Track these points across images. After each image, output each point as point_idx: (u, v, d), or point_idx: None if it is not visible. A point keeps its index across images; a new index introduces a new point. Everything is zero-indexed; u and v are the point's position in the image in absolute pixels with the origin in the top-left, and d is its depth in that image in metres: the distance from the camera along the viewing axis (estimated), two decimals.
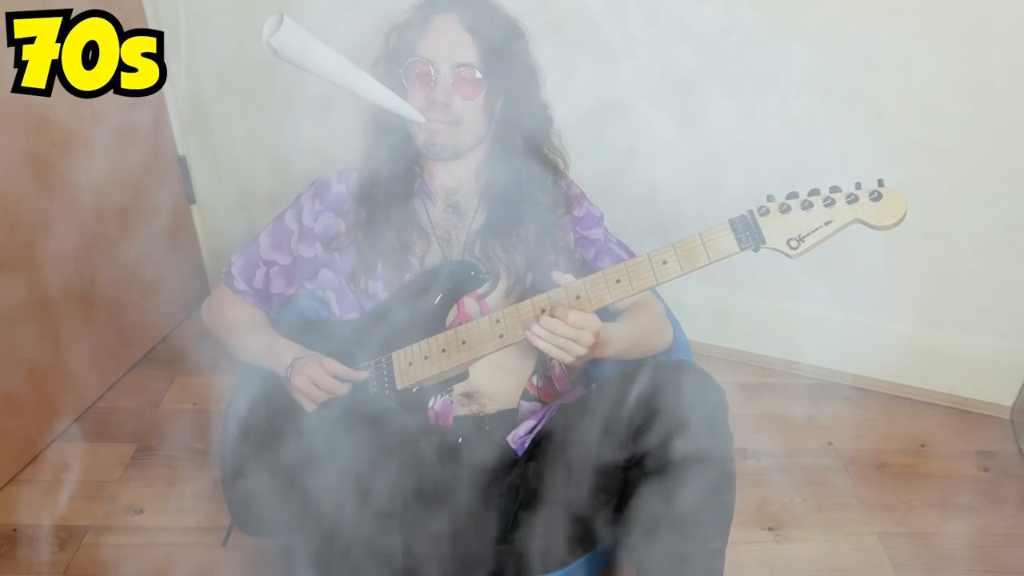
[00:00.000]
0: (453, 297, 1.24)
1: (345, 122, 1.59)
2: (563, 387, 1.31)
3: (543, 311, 1.09)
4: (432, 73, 1.19)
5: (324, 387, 1.17)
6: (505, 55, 1.21)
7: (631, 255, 1.36)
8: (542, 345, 1.07)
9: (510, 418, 1.23)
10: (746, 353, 1.97)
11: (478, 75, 1.19)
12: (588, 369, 1.37)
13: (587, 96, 1.57)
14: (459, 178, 1.30)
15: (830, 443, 1.73)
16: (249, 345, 1.31)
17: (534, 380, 1.29)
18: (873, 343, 1.84)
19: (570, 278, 1.09)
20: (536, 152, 1.31)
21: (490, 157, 1.30)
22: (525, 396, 1.27)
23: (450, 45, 1.18)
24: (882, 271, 1.71)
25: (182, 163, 1.95)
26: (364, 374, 1.20)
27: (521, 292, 1.27)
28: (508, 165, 1.29)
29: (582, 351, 1.08)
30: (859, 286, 1.77)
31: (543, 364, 1.31)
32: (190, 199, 2.01)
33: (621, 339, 1.20)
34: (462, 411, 1.22)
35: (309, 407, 1.18)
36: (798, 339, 1.89)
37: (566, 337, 1.06)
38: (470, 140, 1.24)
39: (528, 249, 1.29)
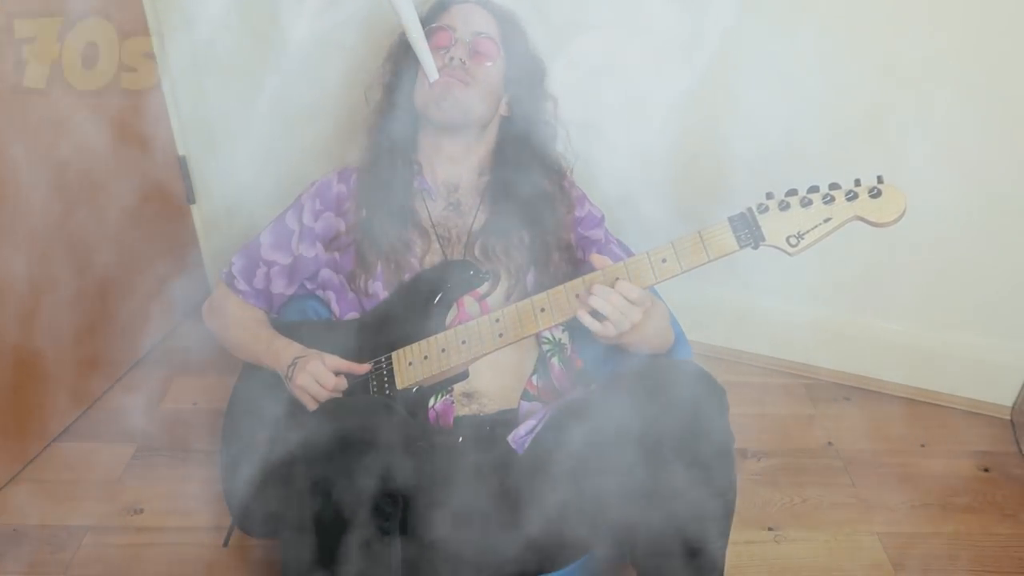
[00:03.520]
0: (453, 297, 1.24)
1: (345, 122, 1.60)
2: (563, 387, 1.31)
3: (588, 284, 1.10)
4: (452, 39, 1.24)
5: (327, 385, 1.17)
6: (520, 42, 1.29)
7: (631, 256, 1.36)
8: (601, 305, 1.07)
9: (510, 418, 1.23)
10: (746, 353, 1.97)
11: (495, 43, 1.25)
12: (588, 369, 1.37)
13: (588, 97, 1.57)
14: (461, 174, 1.30)
15: (830, 443, 1.73)
16: (250, 345, 1.31)
17: (534, 380, 1.29)
18: (873, 343, 1.84)
19: (608, 260, 1.10)
20: (540, 152, 1.32)
21: (493, 155, 1.31)
22: (525, 396, 1.27)
23: (470, 17, 1.27)
24: (882, 270, 1.71)
25: (182, 163, 1.95)
26: (366, 367, 1.20)
27: (522, 293, 1.27)
28: (511, 164, 1.29)
29: (627, 326, 1.09)
30: (859, 285, 1.77)
31: (543, 364, 1.31)
32: (190, 199, 2.01)
33: (650, 328, 1.20)
34: (462, 411, 1.22)
35: (311, 405, 1.18)
36: (798, 339, 1.89)
37: (619, 309, 1.07)
38: (479, 108, 1.25)
39: (529, 250, 1.29)
